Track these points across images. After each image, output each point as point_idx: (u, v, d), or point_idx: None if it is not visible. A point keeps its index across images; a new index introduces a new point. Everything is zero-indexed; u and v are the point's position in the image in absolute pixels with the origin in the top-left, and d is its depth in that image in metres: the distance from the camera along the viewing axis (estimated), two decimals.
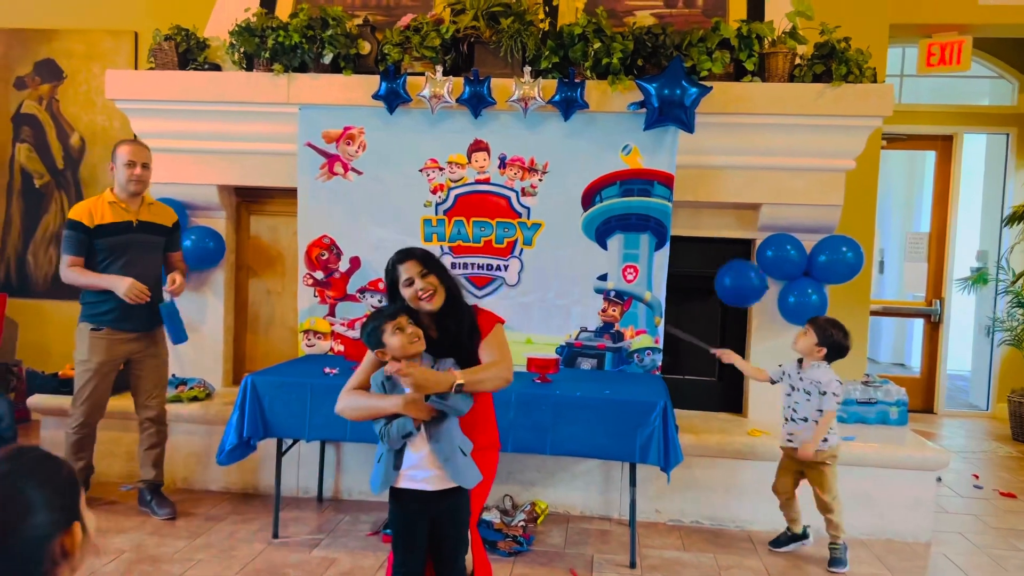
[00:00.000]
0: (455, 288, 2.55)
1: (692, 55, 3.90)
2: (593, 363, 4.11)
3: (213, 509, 3.87)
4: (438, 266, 2.53)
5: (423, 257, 2.51)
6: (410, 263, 2.48)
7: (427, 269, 2.48)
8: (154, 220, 3.72)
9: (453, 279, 2.56)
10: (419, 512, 2.36)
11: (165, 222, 3.78)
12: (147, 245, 3.68)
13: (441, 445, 2.31)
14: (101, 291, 3.56)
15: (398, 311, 2.38)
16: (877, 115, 3.91)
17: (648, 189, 3.99)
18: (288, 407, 3.45)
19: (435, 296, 2.47)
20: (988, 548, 3.75)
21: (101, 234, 3.55)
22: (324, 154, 4.17)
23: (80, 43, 5.27)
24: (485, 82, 3.93)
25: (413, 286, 2.46)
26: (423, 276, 2.47)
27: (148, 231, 3.69)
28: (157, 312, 3.64)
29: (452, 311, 2.51)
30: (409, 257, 2.50)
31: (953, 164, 6.57)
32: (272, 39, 4.07)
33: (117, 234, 3.58)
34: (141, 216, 3.67)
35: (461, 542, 2.42)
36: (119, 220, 3.59)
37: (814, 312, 4.01)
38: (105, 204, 3.61)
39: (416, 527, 2.37)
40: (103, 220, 3.57)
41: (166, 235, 3.78)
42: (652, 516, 3.90)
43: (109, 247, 3.57)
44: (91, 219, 3.55)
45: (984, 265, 6.69)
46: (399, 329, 2.30)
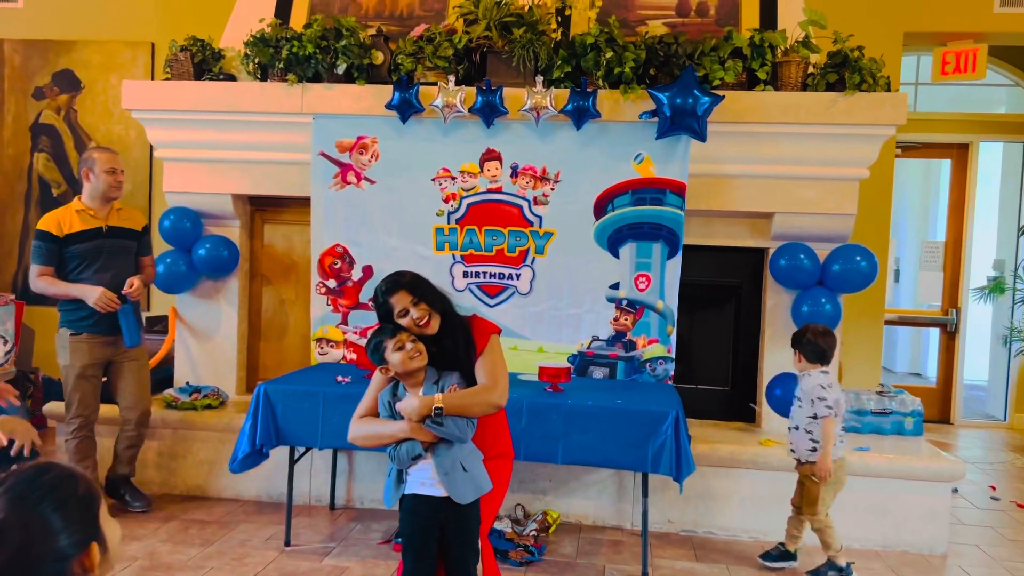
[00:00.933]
0: (448, 308, 2.53)
1: (704, 64, 3.90)
2: (605, 372, 4.10)
3: (226, 516, 3.89)
4: (427, 289, 2.51)
5: (411, 285, 2.48)
6: (400, 294, 2.46)
7: (417, 297, 2.47)
8: (124, 225, 3.81)
9: (443, 298, 2.54)
10: (429, 518, 2.37)
11: (135, 226, 3.88)
12: (118, 250, 3.77)
13: (440, 459, 2.34)
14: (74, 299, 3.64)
15: (398, 328, 2.41)
16: (891, 124, 3.89)
17: (660, 198, 3.98)
18: (301, 415, 3.46)
19: (431, 321, 2.47)
20: (1005, 561, 3.70)
21: (72, 242, 3.64)
22: (337, 163, 4.19)
23: (98, 54, 5.34)
24: (497, 92, 3.95)
25: (409, 316, 2.45)
26: (415, 304, 2.45)
27: (118, 236, 3.77)
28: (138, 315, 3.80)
29: (447, 331, 2.50)
30: (398, 288, 2.47)
31: (969, 172, 6.52)
32: (286, 49, 4.10)
33: (87, 240, 3.67)
34: (110, 222, 3.75)
35: (471, 550, 2.42)
36: (88, 227, 3.68)
37: (828, 322, 3.98)
38: (73, 213, 3.69)
39: (426, 534, 2.38)
40: (72, 228, 3.65)
41: (136, 239, 3.88)
42: (664, 526, 3.88)
43: (80, 254, 3.66)
44: (60, 228, 3.64)
45: (1001, 274, 6.63)
46: (400, 346, 2.36)
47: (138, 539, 3.55)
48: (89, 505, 1.13)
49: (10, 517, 1.04)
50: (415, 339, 2.38)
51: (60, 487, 1.10)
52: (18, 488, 1.08)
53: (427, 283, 2.53)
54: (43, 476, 1.10)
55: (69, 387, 3.72)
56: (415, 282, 2.51)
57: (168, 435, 4.19)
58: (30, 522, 1.05)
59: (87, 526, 1.10)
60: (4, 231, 5.48)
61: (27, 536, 1.04)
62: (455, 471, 2.34)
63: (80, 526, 1.09)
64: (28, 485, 1.08)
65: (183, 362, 4.57)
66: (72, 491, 1.11)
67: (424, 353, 2.37)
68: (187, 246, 4.40)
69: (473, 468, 2.39)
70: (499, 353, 2.56)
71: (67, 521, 1.07)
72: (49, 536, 1.05)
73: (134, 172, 5.38)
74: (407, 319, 2.45)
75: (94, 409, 3.78)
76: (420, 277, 2.54)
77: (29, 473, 1.10)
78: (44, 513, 1.06)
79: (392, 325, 2.44)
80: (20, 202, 5.45)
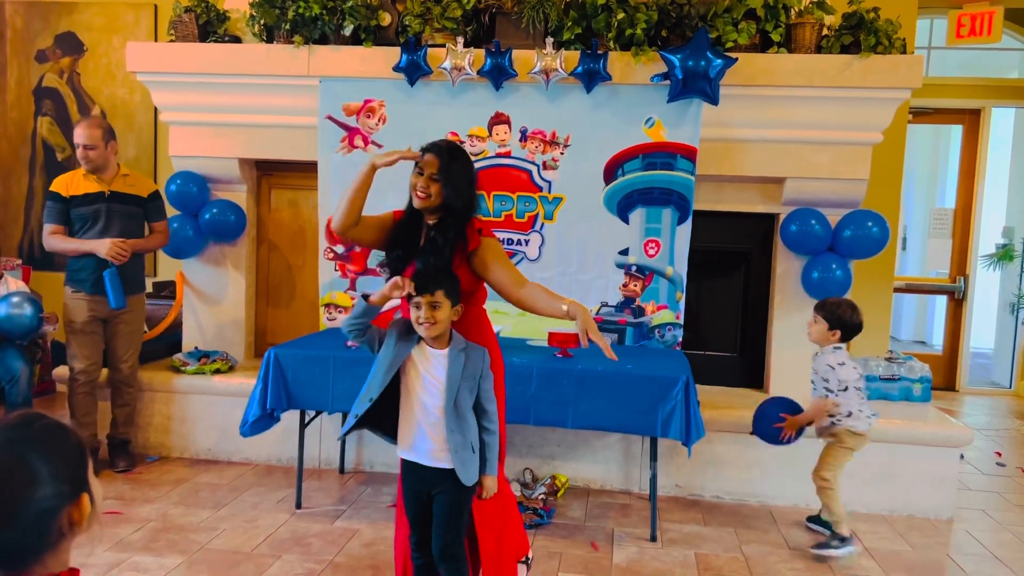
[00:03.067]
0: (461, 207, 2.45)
1: (717, 26, 3.84)
2: (614, 338, 4.09)
3: (237, 480, 3.91)
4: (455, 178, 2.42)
5: (447, 157, 2.42)
6: (432, 159, 2.42)
7: (440, 173, 2.41)
8: (128, 191, 3.89)
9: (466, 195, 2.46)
10: (419, 489, 2.33)
11: (141, 192, 3.95)
12: (121, 214, 3.86)
13: (453, 436, 2.24)
14: (80, 258, 3.78)
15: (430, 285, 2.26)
16: (906, 87, 3.84)
17: (671, 163, 3.95)
18: (311, 379, 3.47)
19: (429, 193, 2.41)
20: (1011, 525, 3.73)
21: (75, 204, 3.79)
22: (344, 127, 4.15)
23: (100, 16, 5.27)
24: (506, 54, 3.89)
25: (420, 177, 2.42)
26: (432, 179, 2.41)
27: (122, 201, 3.86)
28: (131, 279, 3.89)
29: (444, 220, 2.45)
30: (435, 151, 2.43)
31: (980, 138, 6.45)
32: (292, 11, 4.04)
33: (89, 204, 3.79)
34: (114, 187, 3.84)
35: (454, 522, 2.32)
36: (91, 191, 3.80)
37: (838, 288, 3.97)
38: (80, 177, 3.82)
39: (420, 507, 2.35)
40: (77, 191, 3.79)
41: (142, 205, 3.95)
42: (672, 491, 3.90)
43: (83, 216, 3.79)
44: (67, 190, 3.79)
45: (1010, 241, 6.59)
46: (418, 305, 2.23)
47: (150, 502, 3.58)
48: (78, 457, 1.11)
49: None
50: (436, 307, 2.23)
51: (49, 437, 1.08)
52: (4, 434, 1.06)
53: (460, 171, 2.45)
54: (32, 424, 1.09)
55: (70, 341, 3.87)
56: (451, 157, 2.44)
57: (178, 399, 4.20)
58: (15, 467, 1.04)
59: (76, 478, 1.09)
60: (9, 196, 5.46)
61: (12, 482, 1.03)
62: (465, 450, 2.25)
63: (69, 477, 1.08)
64: (15, 431, 1.07)
65: (191, 327, 4.58)
66: (62, 440, 1.09)
67: (439, 323, 2.23)
68: (194, 211, 4.38)
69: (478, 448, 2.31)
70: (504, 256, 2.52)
71: (55, 470, 1.06)
72: (34, 483, 1.04)
73: (139, 136, 5.34)
74: (412, 178, 2.44)
75: (95, 362, 3.90)
76: (461, 159, 2.48)
77: (17, 420, 1.09)
78: (30, 460, 1.05)
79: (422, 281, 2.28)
80: (24, 167, 5.42)
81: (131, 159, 5.31)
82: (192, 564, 3.00)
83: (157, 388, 4.21)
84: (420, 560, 2.39)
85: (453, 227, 2.44)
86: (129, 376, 4.01)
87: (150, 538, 3.20)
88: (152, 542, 3.16)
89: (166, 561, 3.00)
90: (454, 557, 2.31)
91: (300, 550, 3.16)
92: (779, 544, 3.39)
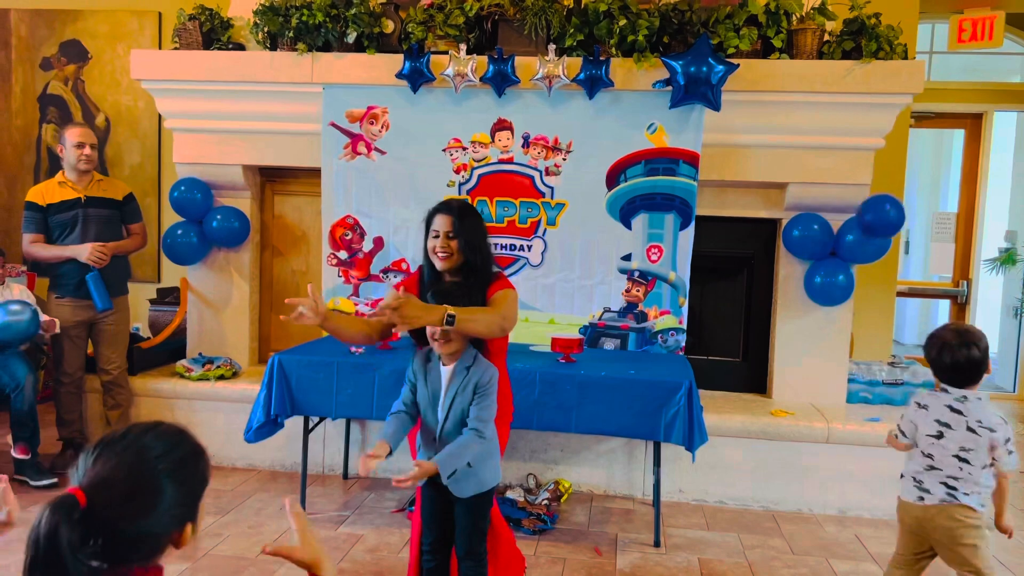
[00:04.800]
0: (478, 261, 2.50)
1: (719, 32, 3.85)
2: (616, 343, 4.10)
3: (241, 486, 3.93)
4: (470, 233, 2.49)
5: (459, 215, 2.49)
6: (445, 217, 2.49)
7: (455, 231, 2.47)
8: (103, 195, 4.00)
9: (481, 249, 2.52)
10: (438, 490, 2.34)
11: (115, 195, 4.06)
12: (98, 218, 3.96)
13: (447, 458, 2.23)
14: (62, 264, 3.90)
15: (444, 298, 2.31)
16: (908, 92, 3.84)
17: (673, 168, 3.96)
18: (315, 385, 3.48)
19: (452, 257, 2.48)
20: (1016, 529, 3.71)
21: (52, 212, 3.89)
22: (348, 134, 4.17)
23: (105, 23, 5.29)
24: (509, 60, 3.91)
25: (438, 239, 2.48)
26: (449, 237, 2.48)
27: (97, 205, 3.96)
28: (115, 281, 4.00)
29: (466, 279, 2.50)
30: (447, 211, 2.50)
31: (983, 142, 6.45)
32: (296, 18, 4.06)
33: (66, 210, 3.89)
34: (89, 192, 3.96)
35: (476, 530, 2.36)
36: (67, 198, 3.90)
37: (840, 293, 3.98)
38: (55, 185, 3.94)
39: (437, 506, 2.37)
40: (53, 199, 3.89)
41: (118, 208, 4.06)
42: (676, 496, 3.91)
43: (61, 223, 3.90)
44: (43, 199, 3.89)
45: (1012, 245, 6.58)
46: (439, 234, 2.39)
47: None
48: (201, 487, 1.13)
49: (130, 476, 1.04)
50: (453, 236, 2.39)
51: (186, 465, 1.10)
52: (151, 451, 1.07)
53: (474, 226, 2.51)
54: (177, 447, 1.09)
55: (56, 347, 4.00)
56: (463, 214, 2.50)
57: (182, 405, 4.22)
58: (146, 488, 1.05)
59: (191, 507, 1.10)
60: (14, 203, 5.47)
61: (137, 499, 1.04)
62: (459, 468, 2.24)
63: (187, 505, 1.09)
64: (160, 451, 1.07)
65: (195, 333, 4.59)
66: (195, 472, 1.11)
67: (453, 342, 2.26)
68: (198, 217, 4.40)
69: (479, 464, 2.29)
70: (512, 301, 2.51)
71: (178, 498, 1.07)
72: (157, 506, 1.05)
73: (143, 143, 5.36)
74: (431, 241, 2.50)
75: (79, 367, 4.02)
76: (473, 215, 2.54)
77: (166, 438, 1.09)
78: (162, 484, 1.05)
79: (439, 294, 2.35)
80: (29, 174, 5.44)
81: (135, 166, 5.34)
82: (197, 570, 3.01)
83: (161, 394, 4.23)
84: (432, 563, 2.40)
85: (477, 287, 2.48)
86: (119, 377, 4.10)
87: None
88: None
89: (171, 567, 3.00)
90: (476, 555, 2.36)
91: None
92: (783, 549, 3.39)
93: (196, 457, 1.12)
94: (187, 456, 1.11)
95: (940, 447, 2.46)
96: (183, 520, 1.09)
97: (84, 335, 4.03)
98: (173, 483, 1.07)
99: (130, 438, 1.07)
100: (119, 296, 4.07)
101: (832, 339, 4.14)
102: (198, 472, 1.12)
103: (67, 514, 0.98)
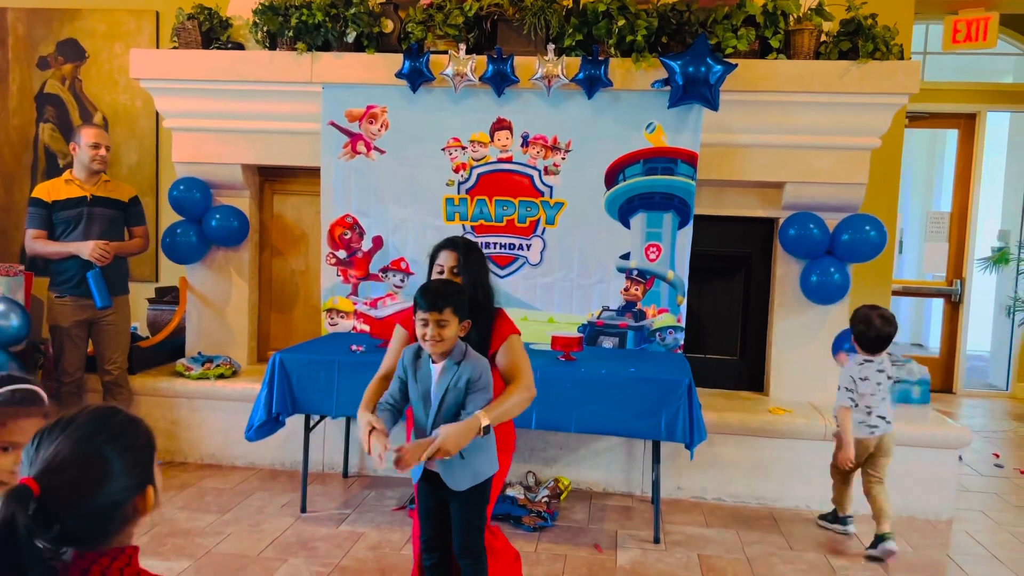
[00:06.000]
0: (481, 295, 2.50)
1: (717, 32, 3.88)
2: (615, 342, 4.13)
3: (241, 484, 3.93)
4: (474, 268, 2.51)
5: (465, 251, 2.52)
6: (450, 253, 2.52)
7: (459, 268, 2.49)
8: (109, 195, 4.01)
9: (484, 285, 2.53)
10: (433, 491, 2.35)
11: (121, 197, 4.07)
12: (102, 218, 3.97)
13: None
14: (63, 261, 3.89)
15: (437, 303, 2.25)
16: (904, 92, 3.88)
17: (672, 168, 3.98)
18: (316, 384, 3.49)
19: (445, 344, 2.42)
20: (1010, 526, 3.76)
21: (58, 208, 3.90)
22: (347, 133, 4.18)
23: (102, 22, 5.28)
24: (508, 60, 3.93)
25: (441, 275, 2.50)
26: (453, 272, 2.50)
27: (103, 205, 3.97)
28: (115, 280, 3.99)
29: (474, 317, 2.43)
30: (452, 247, 2.53)
31: (976, 142, 6.50)
32: (295, 18, 4.07)
33: (72, 208, 3.91)
34: (96, 192, 3.96)
35: (474, 526, 2.37)
36: (74, 196, 3.92)
37: (836, 291, 4.02)
38: (62, 183, 3.95)
39: (432, 502, 2.38)
40: (59, 196, 3.91)
41: (123, 209, 4.06)
42: (674, 493, 3.93)
43: (65, 220, 3.91)
44: (49, 195, 3.91)
45: (1005, 244, 6.64)
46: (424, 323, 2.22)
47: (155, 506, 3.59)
48: (148, 451, 1.19)
49: (73, 454, 1.10)
50: (443, 324, 2.23)
51: (124, 432, 1.16)
52: (86, 428, 1.13)
53: (479, 263, 2.53)
54: (110, 419, 1.16)
55: (56, 346, 3.98)
56: (468, 250, 2.53)
57: (182, 404, 4.22)
58: (93, 461, 1.11)
59: (144, 471, 1.17)
60: (12, 202, 5.46)
61: (89, 473, 1.10)
62: (453, 459, 2.23)
63: (138, 471, 1.15)
64: (95, 426, 1.14)
65: (194, 332, 4.60)
66: (135, 437, 1.17)
67: (446, 340, 2.23)
68: (197, 216, 4.41)
69: (472, 456, 2.27)
70: (523, 352, 2.52)
71: (127, 465, 1.14)
72: (109, 476, 1.11)
73: (140, 142, 5.36)
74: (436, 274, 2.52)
75: (79, 367, 4.01)
76: (477, 252, 2.56)
77: (97, 414, 1.16)
78: (106, 454, 1.12)
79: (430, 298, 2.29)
80: (27, 173, 5.43)
81: (133, 165, 5.33)
82: (199, 568, 3.02)
83: (161, 393, 4.23)
84: (430, 560, 2.42)
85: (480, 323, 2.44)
86: (119, 377, 4.08)
87: (157, 542, 3.21)
88: (159, 546, 3.18)
89: (173, 565, 3.02)
90: (474, 553, 2.37)
91: (306, 554, 3.18)
92: (781, 545, 3.42)
93: (132, 424, 1.19)
94: (122, 424, 1.17)
95: None
96: (140, 485, 1.16)
97: (84, 334, 4.02)
98: (116, 451, 1.13)
99: (63, 422, 1.14)
100: (120, 295, 4.06)
101: (828, 337, 4.17)
102: (139, 437, 1.18)
103: (22, 503, 1.04)
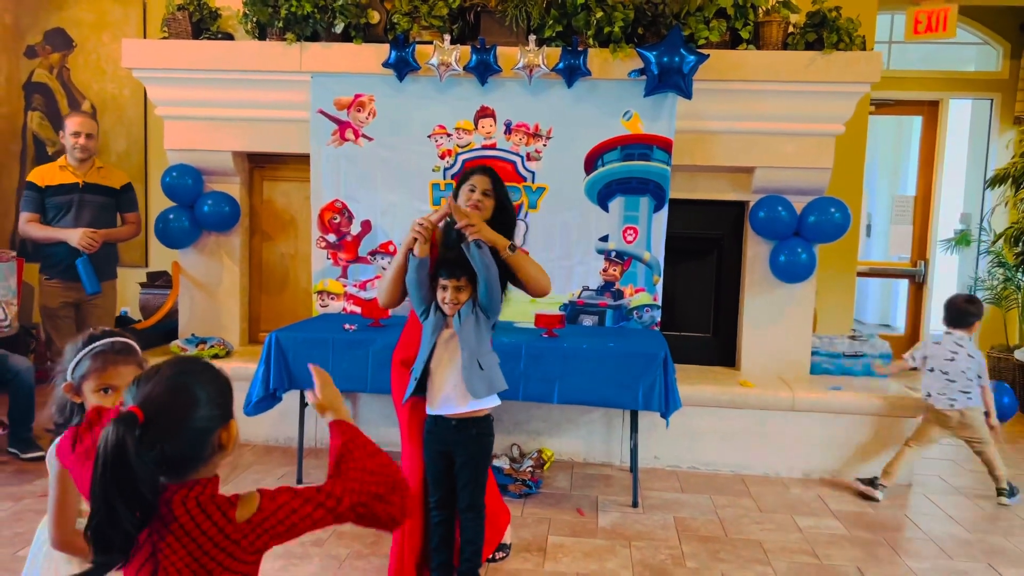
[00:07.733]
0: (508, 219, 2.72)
1: (690, 24, 4.06)
2: (595, 320, 4.32)
3: (236, 459, 4.08)
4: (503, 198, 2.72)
5: (497, 180, 2.72)
6: (483, 177, 2.70)
7: (492, 191, 2.69)
8: (101, 182, 4.18)
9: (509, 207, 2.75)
10: (442, 444, 2.57)
11: (113, 184, 4.24)
12: (93, 204, 4.15)
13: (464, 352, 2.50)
14: (52, 246, 4.06)
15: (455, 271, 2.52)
16: (866, 81, 4.09)
17: (648, 153, 4.17)
18: (311, 360, 3.63)
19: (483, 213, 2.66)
20: (964, 489, 4.02)
21: (50, 193, 4.08)
22: (336, 121, 4.32)
23: (90, 12, 5.37)
24: (491, 50, 4.09)
25: (475, 192, 2.67)
26: (485, 194, 2.68)
27: (94, 192, 4.16)
28: (103, 265, 4.16)
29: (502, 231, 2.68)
30: (485, 172, 2.72)
31: (939, 129, 6.76)
32: (285, 9, 4.20)
33: (64, 194, 4.09)
34: (88, 178, 4.15)
35: (477, 484, 2.59)
36: (67, 181, 4.09)
37: (803, 271, 4.23)
38: (56, 168, 4.14)
39: (442, 464, 2.59)
40: (52, 181, 4.09)
41: (115, 196, 4.23)
42: (652, 462, 4.15)
43: (56, 205, 4.08)
44: (42, 180, 4.09)
45: (967, 227, 6.91)
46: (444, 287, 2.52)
47: None
48: (227, 388, 1.37)
49: (167, 388, 1.28)
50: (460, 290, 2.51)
51: (206, 371, 1.34)
52: (175, 368, 1.32)
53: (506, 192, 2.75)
54: (194, 363, 1.35)
55: (48, 326, 4.19)
56: (498, 178, 2.73)
57: None
58: (183, 393, 1.29)
59: (225, 404, 1.35)
60: (0, 190, 5.55)
61: (179, 402, 1.28)
62: (472, 366, 2.50)
63: (221, 404, 1.33)
64: (182, 367, 1.32)
65: (187, 315, 4.73)
66: (216, 375, 1.35)
67: (460, 304, 2.51)
68: (188, 202, 4.53)
69: (489, 368, 2.53)
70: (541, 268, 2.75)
71: (211, 398, 1.31)
72: (196, 405, 1.29)
73: (128, 130, 5.45)
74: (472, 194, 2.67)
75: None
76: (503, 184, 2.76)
77: (183, 359, 1.35)
78: (193, 388, 1.30)
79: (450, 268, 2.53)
80: (15, 161, 5.51)
81: (121, 153, 5.43)
82: None
83: None
84: (438, 517, 2.61)
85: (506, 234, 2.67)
86: None
87: None
88: None
89: None
90: (476, 508, 2.59)
91: None
92: (751, 508, 3.64)
93: (212, 367, 1.37)
94: (204, 366, 1.36)
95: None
96: (224, 416, 1.33)
97: (72, 315, 4.17)
98: (202, 387, 1.31)
99: (156, 367, 1.32)
100: (107, 280, 4.22)
101: (796, 314, 4.40)
102: (220, 377, 1.36)
103: (130, 427, 1.22)
